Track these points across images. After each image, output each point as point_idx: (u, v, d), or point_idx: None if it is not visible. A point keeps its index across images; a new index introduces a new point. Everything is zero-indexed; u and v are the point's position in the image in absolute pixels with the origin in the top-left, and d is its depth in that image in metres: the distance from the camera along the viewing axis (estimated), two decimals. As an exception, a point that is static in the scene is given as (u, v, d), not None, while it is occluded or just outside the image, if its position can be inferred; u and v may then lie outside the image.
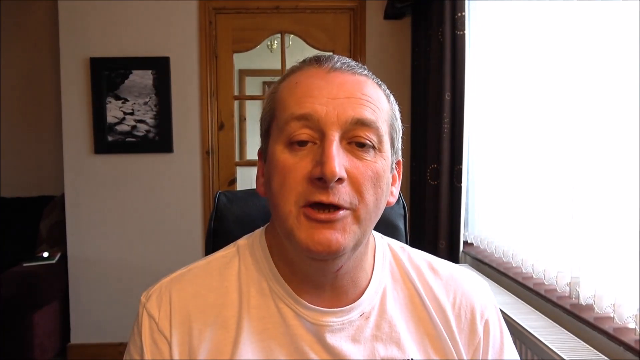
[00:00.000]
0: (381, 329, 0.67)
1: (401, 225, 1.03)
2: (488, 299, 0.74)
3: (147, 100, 2.84)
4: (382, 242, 0.75)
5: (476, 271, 1.90)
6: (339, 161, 0.58)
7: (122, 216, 2.90)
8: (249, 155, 4.11)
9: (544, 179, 1.57)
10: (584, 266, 1.33)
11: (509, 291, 1.71)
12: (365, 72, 0.67)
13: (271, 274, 0.68)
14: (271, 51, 3.82)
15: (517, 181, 1.76)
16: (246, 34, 2.91)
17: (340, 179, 0.59)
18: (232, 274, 0.70)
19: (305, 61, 0.68)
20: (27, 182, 3.18)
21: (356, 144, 0.62)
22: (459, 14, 2.11)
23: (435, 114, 2.22)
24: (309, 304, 0.66)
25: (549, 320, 1.43)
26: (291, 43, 3.23)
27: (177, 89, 2.86)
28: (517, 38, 1.76)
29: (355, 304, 0.67)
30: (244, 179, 3.07)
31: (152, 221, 2.91)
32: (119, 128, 2.84)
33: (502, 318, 0.74)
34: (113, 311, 2.88)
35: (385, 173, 0.64)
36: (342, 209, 0.60)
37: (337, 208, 0.60)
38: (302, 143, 0.61)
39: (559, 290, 1.47)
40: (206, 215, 2.90)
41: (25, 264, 2.65)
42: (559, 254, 1.49)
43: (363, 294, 0.68)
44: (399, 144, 0.69)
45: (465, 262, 2.22)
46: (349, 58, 0.68)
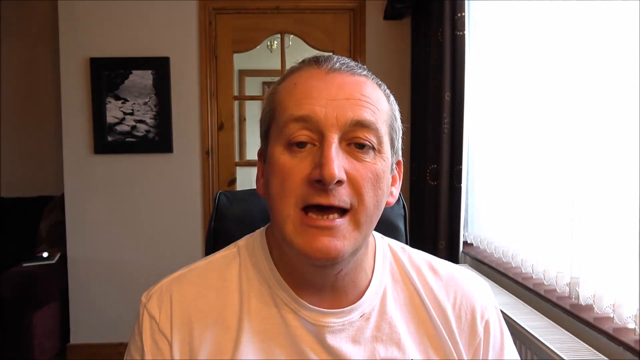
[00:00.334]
0: (381, 330, 0.67)
1: (401, 225, 1.03)
2: (488, 299, 0.74)
3: (147, 100, 2.84)
4: (383, 242, 0.75)
5: (476, 271, 1.90)
6: (338, 163, 0.58)
7: (121, 216, 2.89)
8: (249, 156, 4.11)
9: (543, 179, 1.57)
10: (584, 266, 1.33)
11: (508, 291, 1.71)
12: (364, 72, 0.66)
13: (271, 274, 0.68)
14: (271, 51, 3.82)
15: (516, 181, 1.76)
16: (246, 34, 2.91)
17: (340, 181, 0.59)
18: (233, 275, 0.70)
19: (304, 62, 0.67)
20: (27, 182, 3.18)
21: (355, 145, 0.61)
22: (458, 14, 2.11)
23: (435, 115, 2.22)
24: (309, 305, 0.66)
25: (548, 320, 1.43)
26: (291, 43, 3.23)
27: (177, 89, 2.86)
28: (516, 38, 1.76)
29: (355, 304, 0.67)
30: (243, 179, 3.07)
31: (152, 221, 2.90)
32: (118, 128, 2.84)
33: (503, 318, 0.74)
34: (113, 311, 2.87)
35: (385, 174, 0.64)
36: (341, 213, 0.60)
37: (336, 211, 0.60)
38: (301, 145, 0.61)
39: (558, 291, 1.47)
40: (206, 215, 2.90)
41: (25, 264, 2.65)
42: (558, 254, 1.49)
43: (363, 295, 0.68)
44: (399, 144, 0.69)
45: (465, 263, 2.22)
46: (348, 58, 0.67)
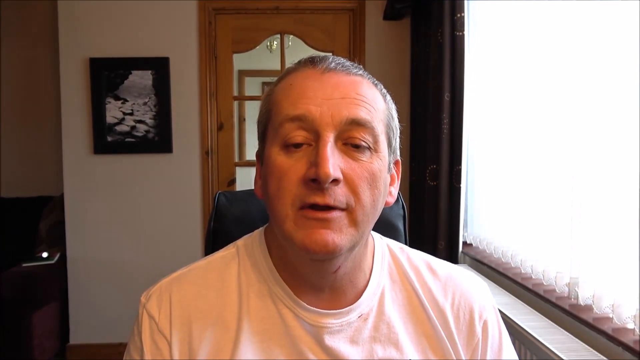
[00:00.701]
0: (379, 330, 0.67)
1: (400, 225, 1.03)
2: (487, 299, 0.74)
3: (146, 100, 2.84)
4: (382, 242, 0.75)
5: (475, 271, 1.90)
6: (333, 162, 0.58)
7: (121, 216, 2.89)
8: (248, 156, 4.11)
9: (542, 179, 1.57)
10: (583, 266, 1.33)
11: (508, 291, 1.71)
12: (360, 72, 0.67)
13: (270, 275, 0.68)
14: (271, 52, 3.82)
15: (516, 182, 1.76)
16: (246, 34, 2.91)
17: (336, 180, 0.59)
18: (232, 275, 0.70)
19: (300, 62, 0.67)
20: (27, 183, 3.18)
21: (351, 145, 0.61)
22: (458, 14, 2.11)
23: (435, 115, 2.22)
24: (307, 306, 0.66)
25: (548, 320, 1.43)
26: (291, 44, 3.23)
27: (177, 89, 2.86)
28: (516, 39, 1.77)
29: (353, 305, 0.67)
30: (243, 179, 3.07)
31: (152, 221, 2.91)
32: (118, 128, 2.84)
33: (501, 319, 0.74)
34: (112, 311, 2.88)
35: (382, 173, 0.64)
36: (338, 209, 0.60)
37: (333, 209, 0.60)
38: (297, 145, 0.61)
39: (558, 291, 1.47)
40: (205, 215, 2.90)
41: (24, 264, 2.65)
42: (558, 255, 1.49)
43: (361, 296, 0.68)
44: (396, 143, 0.69)
45: (464, 263, 2.22)
46: (344, 58, 0.68)
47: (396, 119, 0.70)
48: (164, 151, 2.87)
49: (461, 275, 0.75)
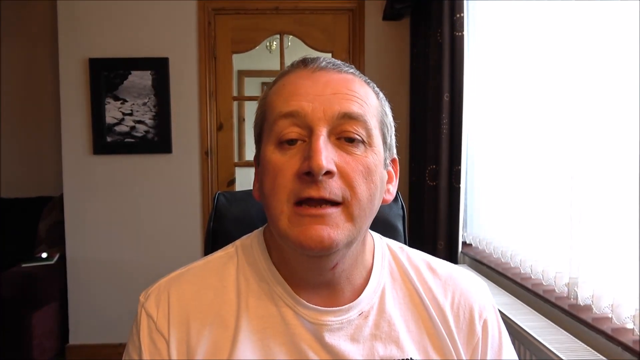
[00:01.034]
0: (380, 328, 0.67)
1: (400, 225, 1.03)
2: (486, 299, 0.74)
3: (146, 101, 2.84)
4: (381, 242, 0.76)
5: (475, 271, 1.90)
6: (326, 154, 0.59)
7: (120, 217, 2.89)
8: (248, 156, 4.11)
9: (542, 179, 1.57)
10: (583, 267, 1.33)
11: (507, 292, 1.71)
12: (352, 70, 0.68)
13: (270, 273, 0.68)
14: (270, 52, 3.82)
15: (515, 182, 1.76)
16: (245, 34, 2.91)
17: (330, 173, 0.59)
18: (231, 274, 0.70)
19: (292, 65, 0.69)
20: (26, 183, 3.18)
21: (345, 139, 0.62)
22: (457, 15, 2.11)
23: (434, 115, 2.23)
24: (307, 303, 0.66)
25: (547, 320, 1.43)
26: (290, 44, 3.24)
27: (176, 89, 2.86)
28: (515, 39, 1.77)
29: (353, 303, 0.68)
30: (242, 179, 3.07)
31: (151, 222, 2.91)
32: (117, 129, 2.84)
33: (501, 318, 0.74)
34: (112, 312, 2.87)
35: (377, 168, 0.64)
36: (334, 204, 0.60)
37: (329, 203, 0.60)
38: (291, 142, 0.62)
39: (557, 291, 1.47)
40: (205, 215, 2.90)
41: (23, 265, 2.65)
42: (557, 255, 1.49)
43: (362, 293, 0.68)
44: (392, 141, 0.70)
45: (463, 263, 2.23)
46: (340, 60, 0.69)
47: (390, 117, 0.70)
48: (163, 151, 2.87)
49: (461, 275, 0.75)
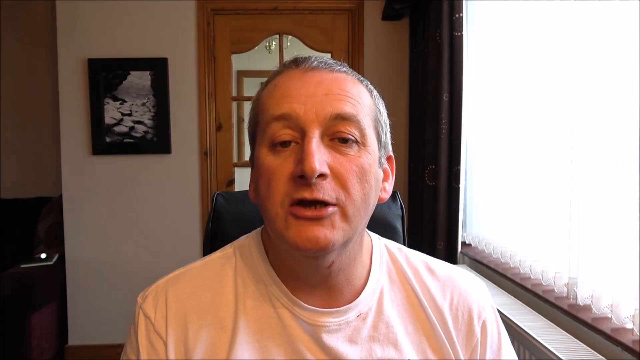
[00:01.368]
0: (378, 330, 0.67)
1: (399, 226, 1.03)
2: (485, 299, 0.74)
3: (145, 101, 2.84)
4: (379, 243, 0.75)
5: (474, 272, 1.90)
6: (319, 157, 0.58)
7: (120, 217, 2.89)
8: (247, 157, 4.08)
9: (541, 179, 1.57)
10: (582, 267, 1.33)
11: (507, 292, 1.71)
12: (344, 69, 0.67)
13: (268, 274, 0.68)
14: (269, 52, 3.82)
15: (514, 182, 1.76)
16: (244, 35, 2.91)
17: (323, 175, 0.59)
18: (229, 275, 0.70)
19: (284, 65, 0.68)
20: (25, 184, 3.18)
21: (339, 139, 0.62)
22: (456, 15, 2.11)
23: (433, 115, 2.23)
24: (305, 304, 0.66)
25: (546, 320, 1.43)
26: (289, 44, 3.24)
27: (175, 90, 2.86)
28: (515, 39, 1.77)
29: (352, 304, 0.67)
30: (242, 180, 3.07)
31: (150, 222, 2.90)
32: (116, 129, 2.84)
33: (500, 319, 0.74)
34: (111, 312, 2.87)
35: (372, 167, 0.64)
36: (329, 205, 0.60)
37: (324, 205, 0.59)
38: (284, 144, 0.61)
39: (556, 291, 1.47)
40: (204, 216, 2.90)
41: (22, 265, 2.64)
42: (557, 255, 1.49)
43: (360, 295, 0.68)
44: (387, 138, 0.69)
45: (463, 263, 2.22)
46: (333, 59, 0.68)
47: (384, 114, 0.70)
48: (162, 152, 2.87)
49: (460, 276, 0.75)
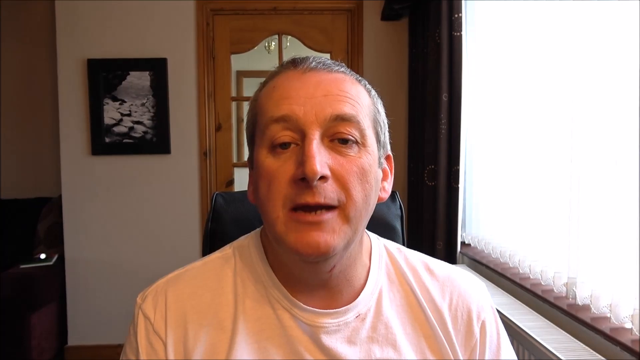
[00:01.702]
0: (377, 331, 0.67)
1: (398, 226, 1.03)
2: (485, 299, 0.73)
3: (144, 101, 2.84)
4: (378, 243, 0.75)
5: (473, 272, 1.90)
6: (320, 159, 0.58)
7: (119, 217, 2.89)
8: (247, 157, 4.11)
9: (541, 179, 1.57)
10: (581, 267, 1.33)
11: (506, 292, 1.71)
12: (342, 69, 0.67)
13: (267, 275, 0.68)
14: (269, 52, 3.82)
15: (514, 182, 1.76)
16: (244, 35, 2.91)
17: (324, 177, 0.59)
18: (228, 275, 0.70)
19: (282, 65, 0.68)
20: (25, 184, 3.18)
21: (339, 140, 0.61)
22: (455, 15, 2.11)
23: (433, 115, 2.23)
24: (304, 305, 0.66)
25: (546, 320, 1.43)
26: (289, 44, 3.23)
27: (175, 90, 2.86)
28: (514, 39, 1.77)
29: (351, 305, 0.67)
30: (241, 180, 3.07)
31: (150, 222, 2.90)
32: (116, 129, 2.84)
33: (499, 319, 0.74)
34: (110, 312, 2.87)
35: (372, 168, 0.64)
36: (330, 209, 0.60)
37: (325, 208, 0.59)
38: (284, 145, 0.61)
39: (556, 291, 1.47)
40: (203, 216, 2.90)
41: (22, 266, 2.64)
42: (556, 255, 1.49)
43: (359, 295, 0.68)
44: (386, 138, 0.69)
45: (462, 263, 2.23)
46: (332, 59, 0.68)
47: (383, 114, 0.70)
48: (162, 152, 2.87)
49: (459, 276, 0.75)
